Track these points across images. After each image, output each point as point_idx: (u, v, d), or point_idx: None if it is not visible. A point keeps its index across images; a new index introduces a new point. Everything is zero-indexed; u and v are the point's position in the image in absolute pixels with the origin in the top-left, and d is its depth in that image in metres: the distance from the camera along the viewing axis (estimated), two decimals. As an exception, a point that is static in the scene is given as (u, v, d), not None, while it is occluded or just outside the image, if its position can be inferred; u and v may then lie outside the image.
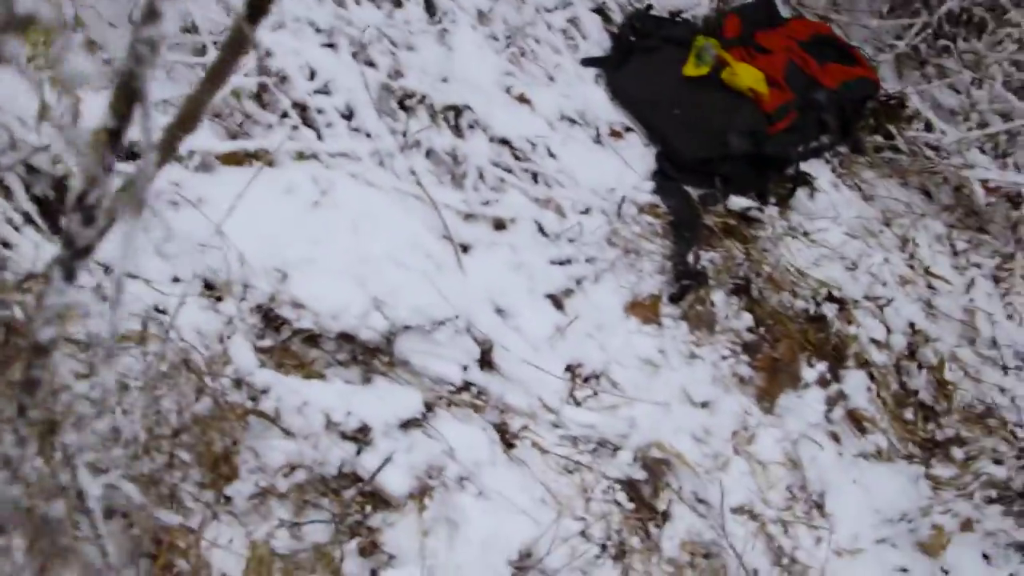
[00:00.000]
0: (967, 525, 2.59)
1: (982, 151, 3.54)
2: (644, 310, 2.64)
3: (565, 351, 2.45)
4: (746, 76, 3.11)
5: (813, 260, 3.01)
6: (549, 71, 3.12)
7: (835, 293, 2.93)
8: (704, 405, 2.47)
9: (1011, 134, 3.52)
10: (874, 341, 2.89)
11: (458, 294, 2.36)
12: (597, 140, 3.04)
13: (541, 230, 2.64)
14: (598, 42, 3.32)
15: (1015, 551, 2.63)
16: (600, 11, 3.40)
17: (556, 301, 2.54)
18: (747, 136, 3.07)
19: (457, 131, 2.76)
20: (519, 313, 2.44)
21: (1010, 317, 3.18)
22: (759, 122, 3.11)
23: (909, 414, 2.82)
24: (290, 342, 2.23)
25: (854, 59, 3.61)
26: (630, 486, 2.29)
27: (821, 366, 2.70)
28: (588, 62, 3.22)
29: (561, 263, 2.60)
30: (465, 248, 2.51)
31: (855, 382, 2.71)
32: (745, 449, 2.46)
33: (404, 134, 2.61)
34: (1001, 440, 2.87)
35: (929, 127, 3.53)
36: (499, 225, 2.60)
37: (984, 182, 3.35)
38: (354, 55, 2.68)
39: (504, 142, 2.83)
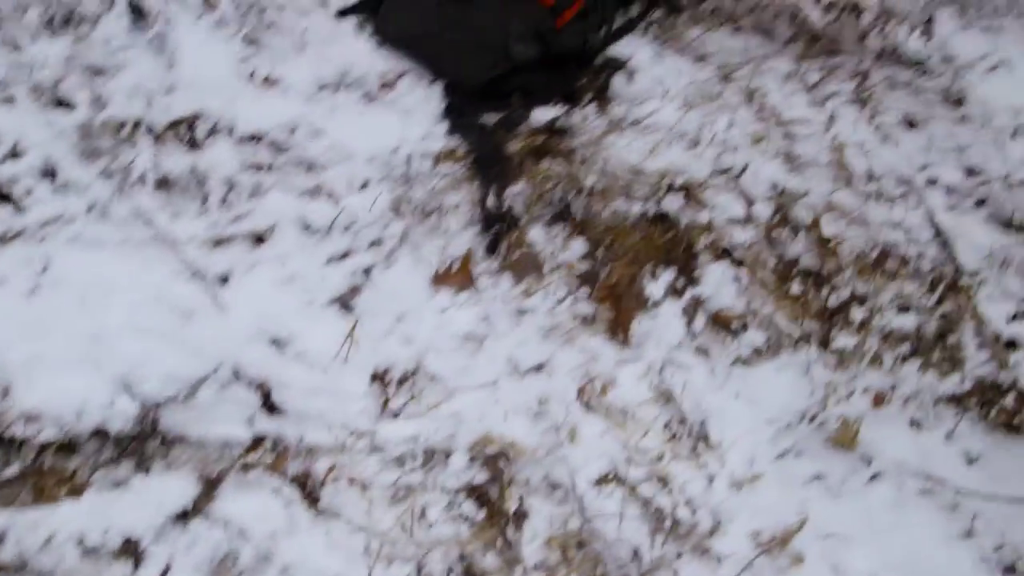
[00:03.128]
0: (880, 399, 2.24)
1: (810, -34, 3.12)
2: (455, 277, 2.28)
3: (366, 360, 2.10)
4: (511, -28, 2.70)
5: (648, 150, 2.64)
6: (298, 38, 2.72)
7: (677, 181, 2.55)
8: (538, 368, 2.12)
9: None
10: (733, 221, 2.51)
11: (221, 338, 2.02)
12: (369, 99, 2.64)
13: (308, 228, 2.27)
14: (353, -13, 2.89)
15: (946, 405, 2.29)
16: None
17: (343, 304, 2.17)
18: (531, 40, 2.67)
19: (193, 144, 2.38)
20: (300, 335, 2.09)
21: (884, 140, 2.79)
22: (542, 20, 2.71)
23: (796, 287, 2.46)
24: (41, 461, 1.87)
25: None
26: (474, 493, 1.94)
27: (668, 274, 2.34)
28: (343, 12, 2.82)
29: (340, 258, 2.23)
30: (223, 279, 2.14)
31: (714, 278, 2.35)
32: (600, 401, 2.10)
33: (125, 172, 2.21)
34: (906, 280, 2.52)
35: (746, -41, 3.12)
36: (258, 239, 2.23)
37: (816, 1, 2.94)
38: (40, 101, 2.27)
39: (255, 138, 2.44)
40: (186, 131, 2.41)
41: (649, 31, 2.99)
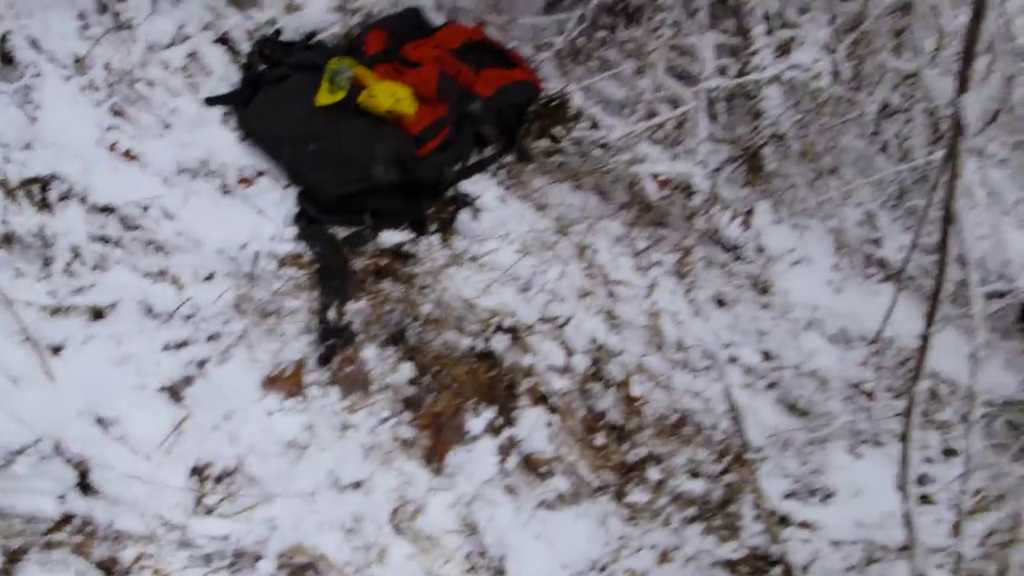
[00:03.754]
0: (665, 556, 2.41)
1: (653, 142, 3.39)
2: (286, 383, 2.32)
3: (188, 452, 2.10)
4: (384, 98, 2.83)
5: (483, 287, 2.77)
6: (165, 118, 2.74)
7: (507, 322, 2.69)
8: (356, 486, 2.18)
9: (680, 122, 3.39)
10: (553, 368, 2.67)
11: (45, 410, 1.99)
12: (226, 191, 2.68)
13: (150, 311, 2.27)
14: (224, 77, 2.96)
15: (722, 569, 2.48)
16: (224, 42, 3.03)
17: (174, 393, 2.18)
18: (392, 164, 2.79)
19: (45, 206, 2.35)
20: (126, 417, 2.08)
21: (696, 314, 3.04)
22: (405, 147, 2.84)
23: (600, 439, 2.63)
24: None
25: (511, 62, 3.40)
26: (274, 601, 1.96)
27: (489, 412, 2.46)
28: (212, 100, 2.86)
29: (177, 347, 2.24)
30: (56, 349, 2.12)
31: (530, 422, 2.48)
32: (410, 526, 2.18)
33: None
34: (699, 447, 2.72)
35: (596, 124, 3.36)
36: (97, 314, 2.22)
37: (655, 175, 3.20)
38: None
39: (107, 210, 2.44)
40: (39, 191, 2.38)
41: (499, 174, 3.16)
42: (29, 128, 2.47)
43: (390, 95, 2.85)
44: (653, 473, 2.60)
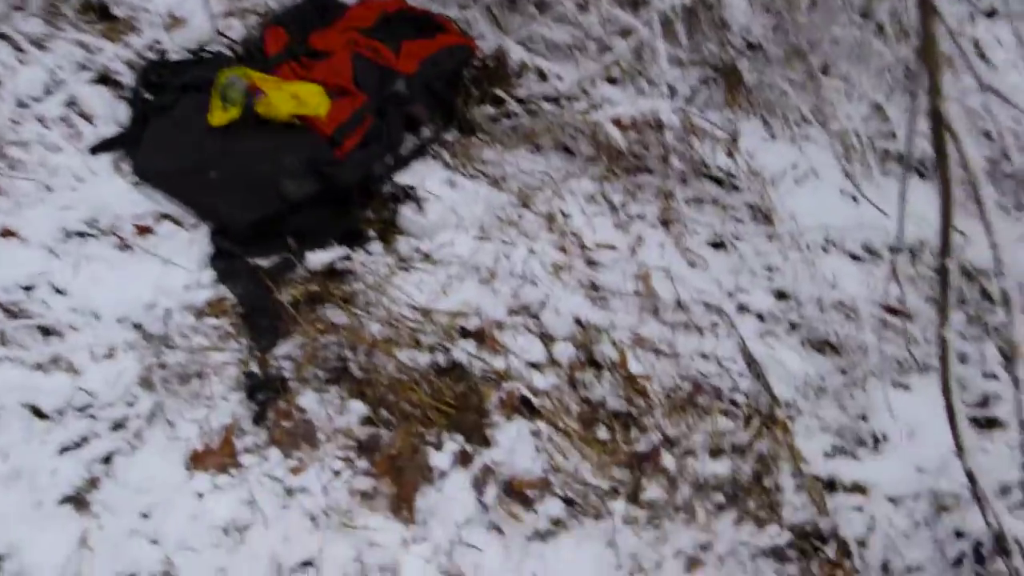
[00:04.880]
0: (694, 562, 2.03)
1: (611, 83, 2.99)
2: (215, 456, 1.99)
3: (103, 568, 1.77)
4: (282, 103, 2.47)
5: (440, 289, 2.41)
6: (45, 180, 2.42)
7: (471, 323, 2.32)
8: (305, 565, 1.83)
9: (636, 53, 2.98)
10: (532, 365, 2.30)
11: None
12: (123, 246, 2.35)
13: (39, 412, 1.95)
14: (111, 117, 2.62)
15: (765, 558, 2.10)
16: (104, 79, 2.69)
17: (78, 503, 1.85)
18: (307, 175, 2.43)
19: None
20: (24, 545, 1.77)
21: (692, 264, 2.64)
22: (318, 151, 2.49)
23: (602, 433, 2.26)
24: None
25: (438, 26, 3.01)
26: None
27: (454, 442, 2.10)
28: (97, 148, 2.52)
29: (76, 446, 1.92)
30: (-74, 479, 1.79)
31: (508, 439, 2.13)
32: (379, 596, 1.83)
33: None
34: (719, 418, 2.34)
35: (543, 76, 2.96)
36: (-25, 427, 1.89)
37: (618, 120, 2.80)
38: None
39: (-14, 301, 2.11)
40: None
41: (442, 154, 2.79)
42: None
43: (289, 98, 2.48)
44: (669, 461, 2.22)
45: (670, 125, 2.82)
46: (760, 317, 2.58)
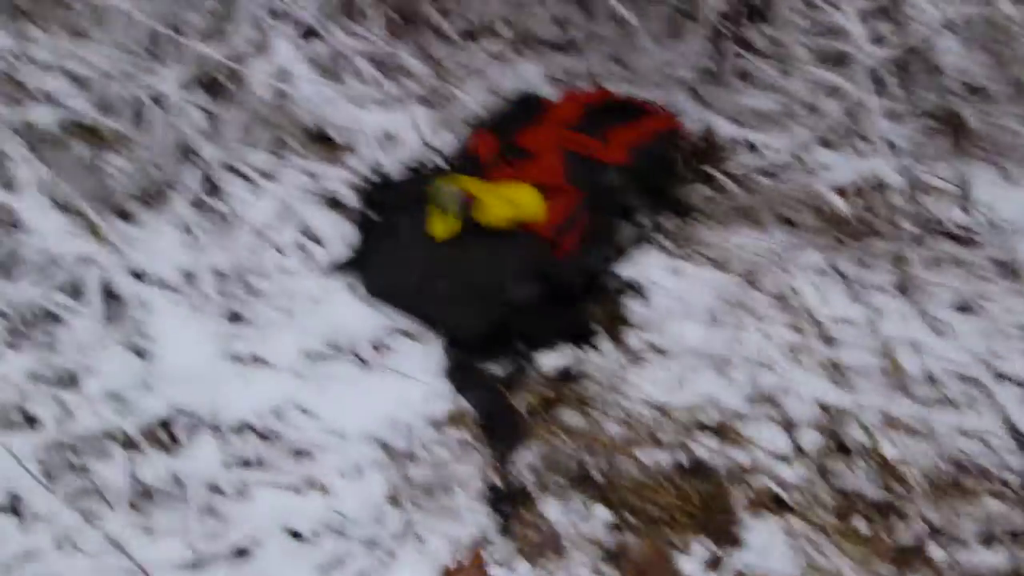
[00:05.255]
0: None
1: (826, 146, 2.89)
2: (466, 571, 2.00)
3: None
4: (500, 207, 2.51)
5: (675, 380, 2.36)
6: (285, 306, 2.53)
7: (710, 417, 2.27)
8: None
9: (849, 113, 2.87)
10: (778, 456, 2.21)
11: None
12: (363, 364, 2.43)
13: (297, 535, 2.02)
14: (340, 238, 2.74)
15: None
16: (332, 203, 2.81)
17: (338, 625, 1.89)
18: (530, 279, 2.45)
19: (172, 446, 2.18)
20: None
21: (938, 333, 2.49)
22: (540, 254, 2.51)
23: (861, 526, 2.13)
24: None
25: (642, 111, 3.00)
26: None
27: (701, 546, 2.03)
28: (333, 271, 2.62)
29: (332, 567, 1.97)
30: (202, 612, 1.89)
31: (760, 538, 2.04)
32: None
33: (96, 492, 2.02)
34: (990, 500, 2.18)
35: (754, 148, 2.90)
36: (240, 553, 1.99)
37: (837, 187, 2.70)
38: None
39: (242, 428, 2.24)
40: (164, 433, 2.21)
41: (663, 242, 2.76)
42: (145, 368, 2.31)
43: (505, 203, 2.52)
44: (937, 553, 2.07)
45: (894, 184, 2.68)
46: (1021, 384, 2.39)
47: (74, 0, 2.59)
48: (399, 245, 2.59)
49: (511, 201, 2.54)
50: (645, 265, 2.67)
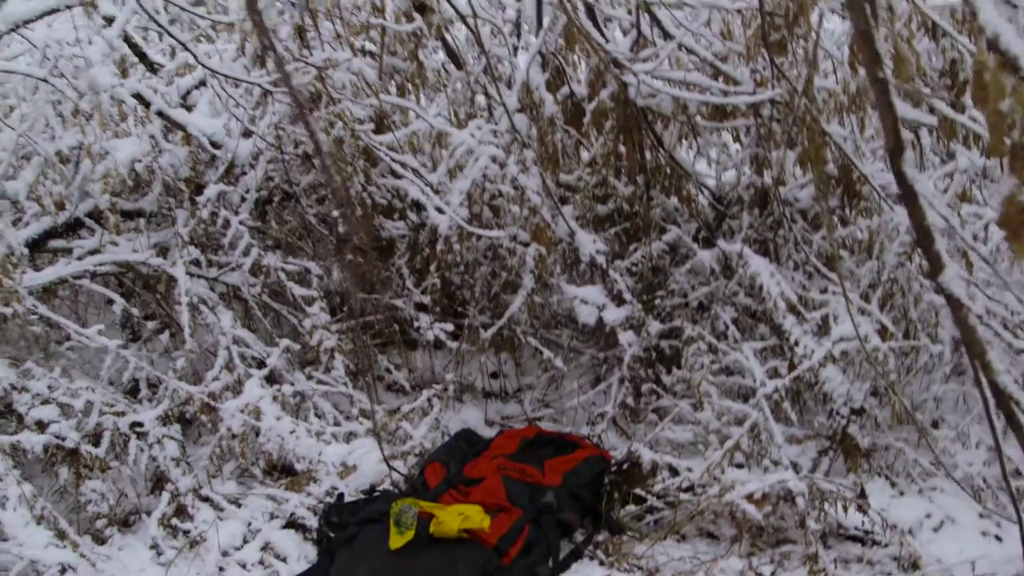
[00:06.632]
0: None
1: (736, 466, 3.27)
2: None
3: None
4: (451, 520, 2.80)
5: None
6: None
7: None
8: None
9: (754, 436, 3.29)
10: None
11: None
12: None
13: None
14: (301, 555, 2.98)
15: None
16: (292, 525, 3.08)
17: None
18: (479, 583, 2.69)
19: None
20: None
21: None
22: (487, 560, 2.77)
23: None
24: None
25: (574, 444, 3.41)
26: None
27: None
28: (295, 585, 2.83)
29: None
30: None
31: None
32: None
33: None
34: None
35: (675, 471, 3.27)
36: None
37: (749, 496, 3.05)
38: None
39: None
40: None
41: (597, 554, 3.03)
42: None
43: (456, 515, 2.82)
44: None
45: (799, 492, 3.04)
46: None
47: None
48: (356, 557, 2.83)
49: (461, 514, 2.84)
50: (585, 573, 2.91)
